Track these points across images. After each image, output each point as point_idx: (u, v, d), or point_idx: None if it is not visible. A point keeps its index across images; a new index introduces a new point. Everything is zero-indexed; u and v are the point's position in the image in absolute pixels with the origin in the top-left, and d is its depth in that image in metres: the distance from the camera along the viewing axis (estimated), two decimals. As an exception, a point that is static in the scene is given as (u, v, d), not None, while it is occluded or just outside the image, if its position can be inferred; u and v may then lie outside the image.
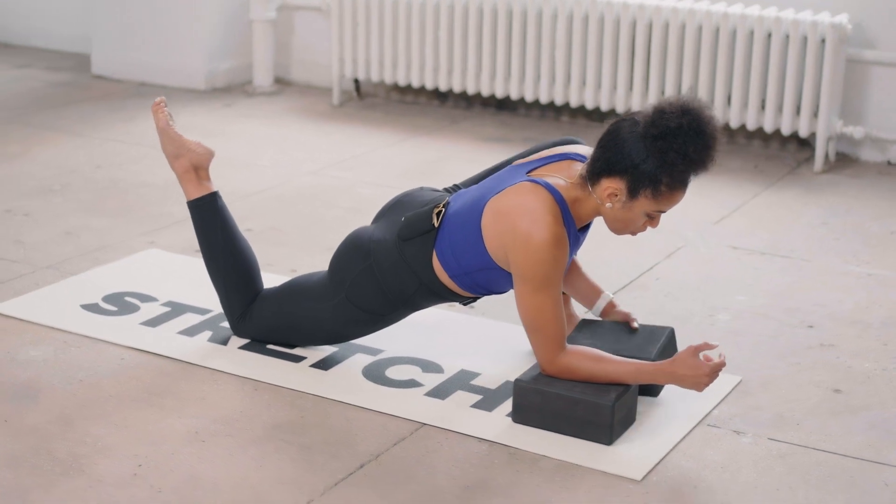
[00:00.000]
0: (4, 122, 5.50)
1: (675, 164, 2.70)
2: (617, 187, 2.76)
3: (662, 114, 2.72)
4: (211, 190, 3.22)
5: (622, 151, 2.74)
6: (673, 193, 2.75)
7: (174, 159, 3.22)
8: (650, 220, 2.83)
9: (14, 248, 3.93)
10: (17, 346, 3.21)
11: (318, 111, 5.84)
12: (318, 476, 2.63)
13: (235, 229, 3.23)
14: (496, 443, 2.78)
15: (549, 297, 2.77)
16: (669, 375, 2.78)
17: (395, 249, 2.97)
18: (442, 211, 2.95)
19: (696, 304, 3.60)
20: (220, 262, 3.18)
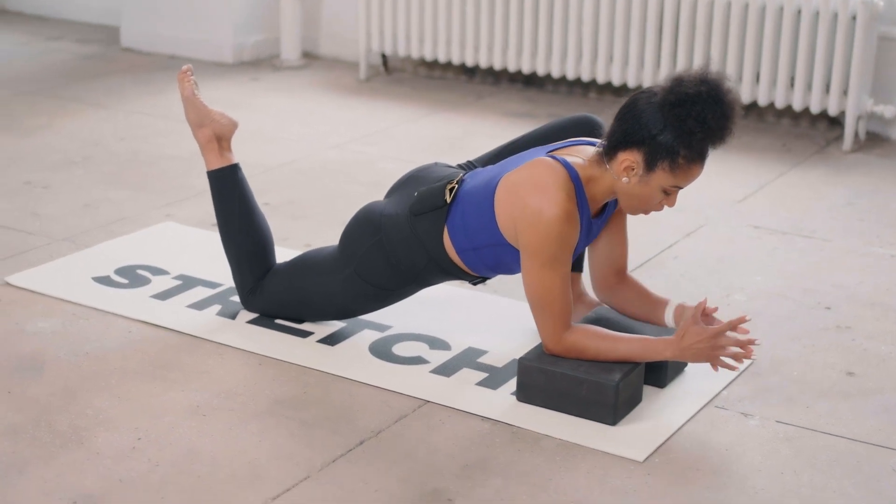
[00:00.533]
0: (32, 94, 5.52)
1: (694, 133, 2.64)
2: (633, 160, 2.71)
3: (681, 82, 2.68)
4: (232, 162, 3.21)
5: (639, 122, 2.70)
6: (691, 166, 2.70)
7: (197, 128, 3.21)
8: (667, 198, 2.77)
9: (31, 220, 3.93)
10: (27, 317, 3.21)
11: (344, 85, 5.82)
12: (317, 452, 2.61)
13: (253, 203, 3.21)
14: (499, 421, 2.76)
15: (557, 273, 2.74)
16: (678, 350, 2.74)
17: (407, 224, 2.94)
18: (455, 187, 2.91)
19: (712, 284, 3.55)
20: (234, 234, 3.17)
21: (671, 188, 2.73)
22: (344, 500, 2.44)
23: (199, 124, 3.19)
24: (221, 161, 3.19)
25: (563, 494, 2.49)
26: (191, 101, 3.19)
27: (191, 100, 3.19)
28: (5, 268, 3.53)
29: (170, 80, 5.76)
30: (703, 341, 2.71)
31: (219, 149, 3.20)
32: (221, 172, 3.18)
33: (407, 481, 2.52)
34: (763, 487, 2.53)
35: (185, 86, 3.19)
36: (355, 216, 3.08)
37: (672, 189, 2.74)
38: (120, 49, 6.47)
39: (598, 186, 2.80)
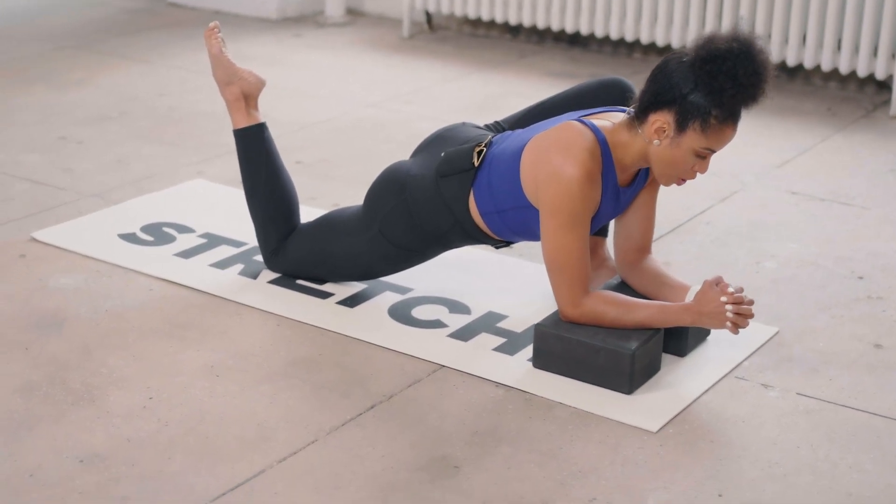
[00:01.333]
0: (74, 49, 5.53)
1: (725, 90, 2.58)
2: (665, 121, 2.66)
3: (712, 40, 2.63)
4: (259, 120, 3.19)
5: (670, 82, 2.64)
6: (723, 127, 2.63)
7: (225, 86, 3.19)
8: (699, 162, 2.70)
9: (62, 175, 3.94)
10: (50, 273, 3.22)
11: (387, 43, 5.77)
12: (327, 415, 2.60)
13: (279, 162, 3.19)
14: (513, 388, 2.73)
15: (576, 236, 2.69)
16: (695, 314, 2.70)
17: (433, 186, 2.90)
18: (483, 150, 2.87)
19: (742, 251, 3.49)
20: (259, 194, 3.15)
21: (703, 151, 2.67)
22: (350, 465, 2.42)
23: (227, 82, 3.17)
24: (248, 120, 3.17)
25: (572, 463, 2.45)
26: (218, 59, 3.17)
27: (218, 57, 3.17)
28: (33, 223, 3.54)
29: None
30: (719, 307, 2.66)
31: (245, 107, 3.17)
32: (248, 131, 3.16)
33: (415, 447, 2.50)
34: (777, 461, 2.48)
35: (212, 43, 3.17)
36: (380, 176, 3.05)
37: (704, 152, 2.67)
38: (166, 4, 6.46)
39: (627, 151, 2.74)
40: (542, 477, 2.41)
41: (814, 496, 2.37)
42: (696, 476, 2.42)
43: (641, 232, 2.92)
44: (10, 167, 4.00)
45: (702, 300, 2.70)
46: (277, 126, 4.47)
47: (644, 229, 2.92)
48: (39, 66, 5.23)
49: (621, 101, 2.98)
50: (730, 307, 2.68)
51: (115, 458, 2.42)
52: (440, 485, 2.37)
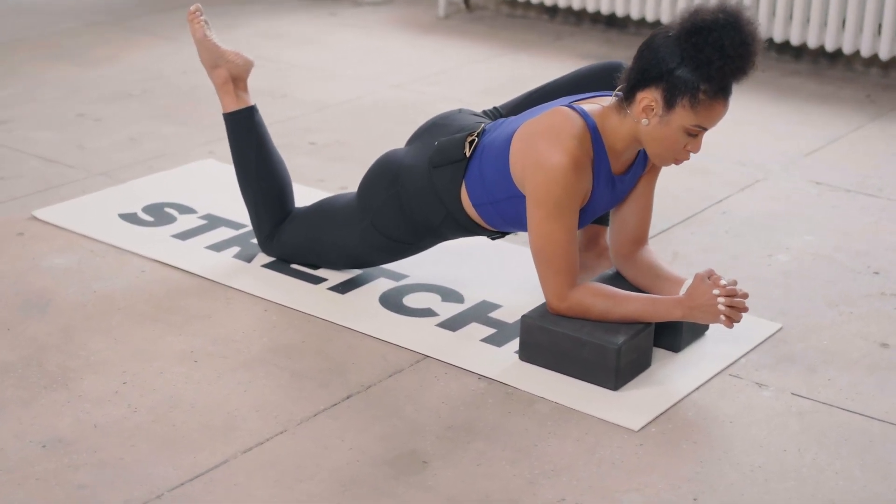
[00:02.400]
0: (106, 25, 5.51)
1: (712, 62, 2.48)
2: (652, 98, 2.56)
3: (697, 12, 2.53)
4: (248, 103, 3.13)
5: (656, 57, 2.54)
6: (712, 103, 2.53)
7: (212, 70, 3.13)
8: (691, 141, 2.60)
9: (75, 152, 3.92)
10: (44, 253, 3.19)
11: (422, 23, 5.70)
12: (300, 405, 2.54)
13: (270, 146, 3.13)
14: (495, 381, 2.65)
15: (562, 225, 2.61)
16: (687, 308, 2.61)
17: (425, 176, 2.83)
18: (475, 140, 2.79)
19: (756, 243, 3.38)
20: (251, 179, 3.10)
21: (694, 128, 2.56)
22: (315, 457, 2.36)
23: (214, 65, 3.11)
24: (237, 103, 3.10)
25: (545, 462, 2.38)
26: (202, 43, 3.11)
27: (202, 41, 3.11)
28: (37, 201, 3.52)
29: (246, 14, 5.71)
30: (711, 300, 2.57)
31: (234, 90, 3.11)
32: (237, 115, 3.10)
33: (385, 440, 2.43)
34: (760, 465, 2.38)
35: (194, 27, 3.11)
36: (374, 165, 2.98)
37: (695, 129, 2.57)
38: (204, -20, 6.41)
39: (617, 135, 2.65)
40: (513, 475, 2.33)
41: (794, 503, 2.27)
42: (672, 478, 2.34)
43: (637, 222, 2.83)
44: (23, 144, 3.98)
45: (693, 293, 2.61)
46: (297, 106, 4.42)
47: (640, 220, 2.83)
48: (69, 41, 5.21)
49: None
50: (722, 300, 2.58)
51: (78, 445, 2.38)
52: (404, 480, 2.30)
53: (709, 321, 2.61)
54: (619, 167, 2.71)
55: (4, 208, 3.46)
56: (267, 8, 5.85)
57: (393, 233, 2.90)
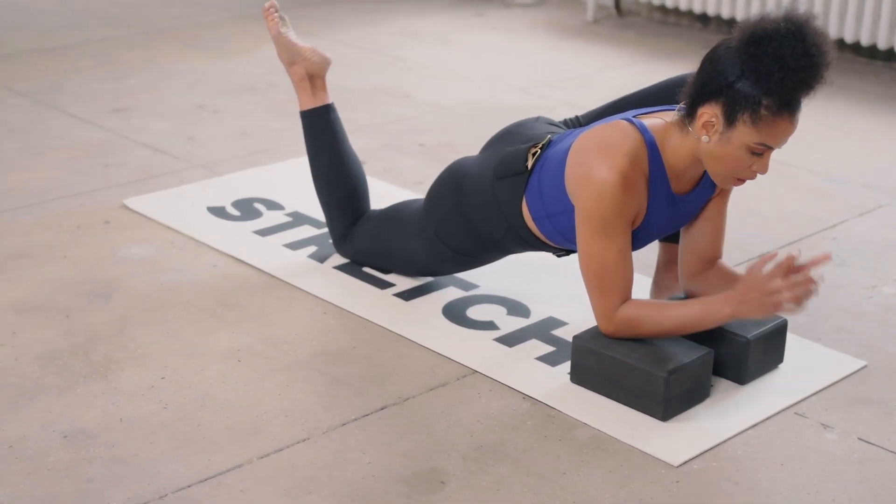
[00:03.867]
0: (250, 18, 5.56)
1: (771, 74, 2.30)
2: (712, 113, 2.39)
3: (761, 21, 2.35)
4: (325, 101, 3.07)
5: (716, 70, 2.38)
6: (776, 119, 2.35)
7: (289, 66, 3.09)
8: (757, 160, 2.41)
9: (183, 143, 3.94)
10: (124, 241, 3.20)
11: (568, 26, 5.57)
12: (331, 412, 2.47)
13: (345, 146, 3.07)
14: (539, 402, 2.53)
15: (611, 244, 2.47)
16: (736, 303, 2.41)
17: (489, 187, 2.72)
18: (538, 152, 2.66)
19: (862, 273, 3.16)
20: (323, 178, 3.04)
21: (758, 146, 2.38)
22: (332, 468, 2.29)
23: (291, 62, 3.07)
24: (314, 101, 3.05)
25: (569, 492, 2.25)
26: (278, 40, 3.06)
27: (278, 38, 3.06)
28: (133, 189, 3.55)
29: (394, 12, 5.69)
30: (765, 289, 2.37)
31: (311, 88, 3.06)
32: (313, 113, 3.05)
33: (408, 456, 2.34)
34: (802, 514, 2.20)
35: (270, 24, 3.06)
36: (442, 173, 2.89)
37: (759, 148, 2.39)
38: (360, -23, 6.43)
39: (678, 152, 2.49)
40: (530, 503, 2.21)
41: (828, 558, 2.09)
42: (702, 521, 2.18)
43: (708, 244, 2.66)
44: (136, 133, 4.03)
45: (742, 287, 2.42)
46: (415, 106, 4.36)
47: (712, 241, 2.66)
48: (210, 33, 5.27)
49: None
50: (779, 282, 2.36)
51: (99, 438, 2.36)
52: (416, 499, 2.21)
53: (763, 314, 2.39)
54: (682, 186, 2.56)
55: (101, 195, 3.50)
56: (415, 7, 5.82)
57: (456, 244, 2.80)
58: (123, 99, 4.36)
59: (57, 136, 3.99)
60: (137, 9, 5.67)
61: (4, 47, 5.04)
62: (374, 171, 3.74)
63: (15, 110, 4.24)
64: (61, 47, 5.05)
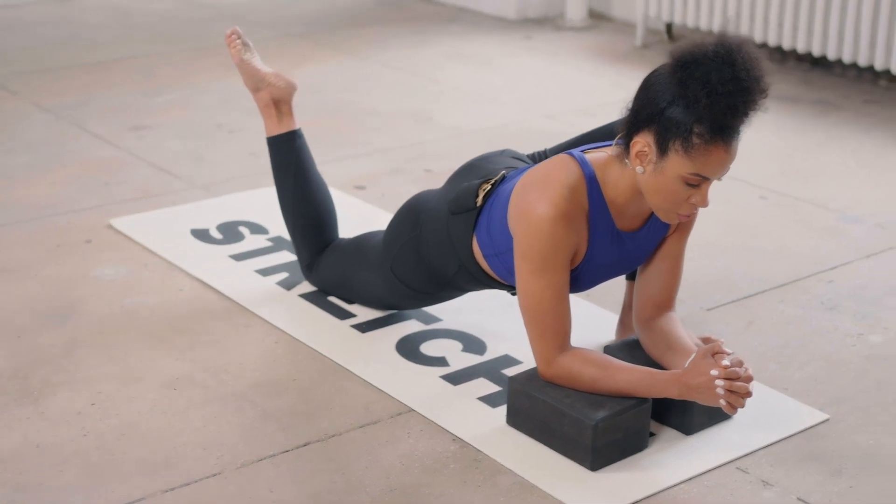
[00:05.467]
0: (295, 37, 5.56)
1: (699, 99, 2.18)
2: (645, 142, 2.28)
3: (692, 45, 2.24)
4: (291, 127, 3.02)
5: (648, 96, 2.27)
6: (709, 148, 2.22)
7: (254, 93, 3.04)
8: (694, 192, 2.29)
9: (189, 162, 3.93)
10: (99, 263, 3.20)
11: (616, 51, 5.46)
12: (251, 447, 2.41)
13: (311, 173, 3.01)
14: (468, 444, 2.45)
15: (549, 283, 2.37)
16: (683, 386, 2.33)
17: (444, 223, 2.64)
18: (489, 188, 2.58)
19: (851, 320, 3.01)
20: (289, 205, 2.99)
21: (692, 177, 2.26)
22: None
23: (255, 88, 3.02)
24: (279, 128, 3.00)
25: (472, 542, 2.16)
26: (241, 67, 3.01)
27: (241, 65, 3.01)
28: (127, 209, 3.55)
29: (441, 34, 5.65)
30: (709, 381, 2.28)
31: (277, 114, 3.01)
32: (278, 139, 3.00)
33: (316, 496, 2.27)
34: (712, 578, 2.09)
35: (232, 52, 3.00)
36: (403, 205, 2.82)
37: (694, 179, 2.26)
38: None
39: (618, 187, 2.39)
40: (428, 553, 2.13)
41: None
42: (603, 580, 2.07)
43: (661, 286, 2.55)
44: (146, 151, 4.03)
45: (692, 371, 2.33)
46: (435, 130, 4.31)
47: (664, 283, 2.55)
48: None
49: None
50: (721, 383, 2.28)
51: (9, 464, 2.34)
52: (310, 544, 2.14)
53: (708, 403, 2.33)
54: (628, 223, 2.45)
55: (92, 214, 3.50)
56: (465, 29, 5.76)
57: (410, 281, 2.73)
58: (145, 117, 4.38)
59: (68, 152, 4.02)
60: (188, 25, 5.70)
61: (48, 62, 5.11)
62: (371, 196, 3.69)
63: (36, 126, 4.28)
64: (101, 62, 5.10)
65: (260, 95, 3.00)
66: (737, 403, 2.29)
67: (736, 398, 2.29)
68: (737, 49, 2.19)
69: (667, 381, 2.35)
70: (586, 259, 2.44)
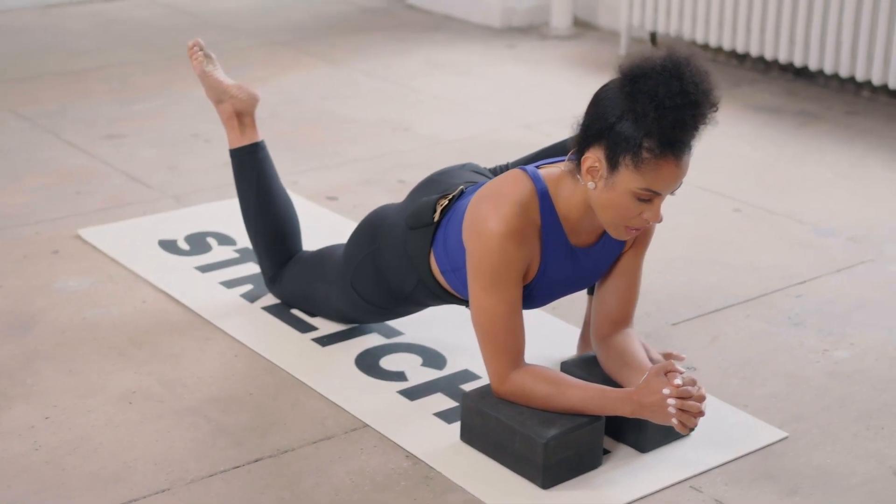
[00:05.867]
0: (278, 45, 5.55)
1: (647, 113, 2.17)
2: (596, 158, 2.27)
3: (640, 59, 2.23)
4: (254, 140, 3.01)
5: (598, 111, 2.26)
6: (659, 162, 2.20)
7: (217, 104, 3.03)
8: (646, 207, 2.27)
9: (162, 173, 3.92)
10: (63, 273, 3.18)
11: (600, 60, 5.45)
12: (202, 463, 2.40)
13: (274, 185, 3.00)
14: (421, 461, 2.43)
15: (500, 299, 2.36)
16: (636, 404, 2.31)
17: (402, 238, 2.62)
18: (446, 204, 2.56)
19: (817, 335, 2.99)
20: (251, 217, 2.98)
21: (643, 192, 2.25)
22: (180, 523, 2.22)
23: (218, 100, 3.01)
24: (242, 139, 2.99)
25: (418, 562, 2.14)
26: (203, 78, 3.00)
27: (203, 77, 3.00)
28: (96, 219, 3.54)
29: (422, 42, 5.64)
30: (661, 400, 2.27)
31: (239, 126, 3.00)
32: (241, 151, 2.99)
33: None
34: None
35: (194, 63, 2.99)
36: (364, 218, 2.80)
37: (645, 194, 2.25)
38: (404, 5, 6.38)
39: (570, 202, 2.38)
40: (373, 572, 2.11)
41: None
42: None
43: (618, 302, 2.54)
44: (120, 160, 4.02)
45: (644, 389, 2.31)
46: (411, 140, 4.29)
47: (621, 299, 2.54)
48: (234, 59, 5.26)
49: None
50: (672, 402, 2.27)
51: (-42, 478, 2.32)
52: (253, 562, 2.13)
53: (660, 422, 2.31)
54: (582, 238, 2.44)
55: (61, 224, 3.49)
56: (448, 38, 5.75)
57: (369, 296, 2.72)
58: (121, 125, 4.37)
59: (42, 161, 4.01)
60: (169, 33, 5.69)
61: (28, 69, 5.10)
62: (343, 207, 3.68)
63: (12, 134, 4.27)
64: (82, 70, 5.09)
65: (222, 107, 2.99)
66: (689, 423, 2.28)
67: (688, 417, 2.27)
68: (685, 62, 2.18)
69: (619, 399, 2.34)
70: (539, 275, 2.42)
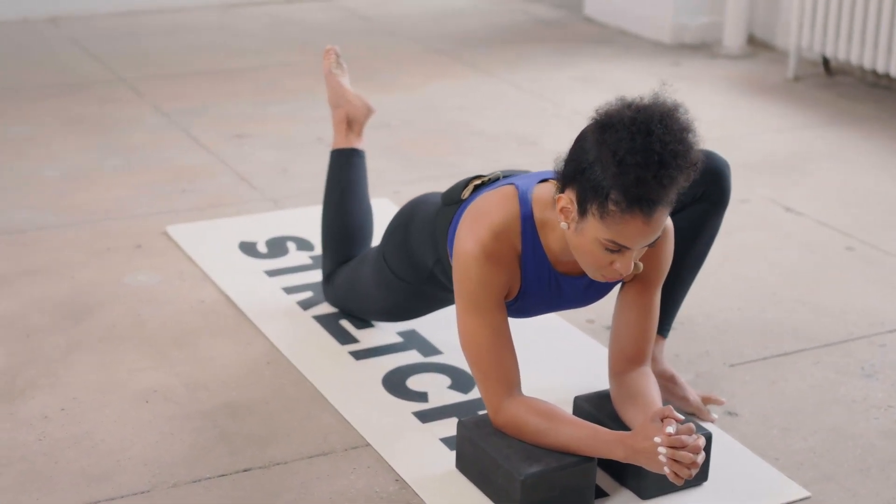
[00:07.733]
0: (435, 53, 5.56)
1: (609, 167, 2.05)
2: (568, 199, 2.16)
3: (621, 105, 2.10)
4: (354, 146, 3.03)
5: (575, 152, 2.15)
6: (625, 217, 2.07)
7: (333, 108, 3.09)
8: (617, 257, 2.15)
9: (271, 175, 3.97)
10: (136, 268, 3.26)
11: (765, 83, 5.23)
12: (192, 467, 2.41)
13: (360, 192, 3.01)
14: (409, 487, 2.38)
15: (482, 322, 2.28)
16: (629, 449, 2.19)
17: (433, 212, 2.56)
18: (479, 185, 2.47)
19: (886, 390, 2.78)
20: (329, 214, 3.02)
21: (610, 243, 2.13)
22: (146, 527, 2.23)
23: (335, 105, 3.06)
24: (345, 142, 3.04)
25: (365, 590, 2.09)
26: (328, 78, 3.07)
27: (327, 76, 3.07)
28: (190, 216, 3.61)
29: (582, 56, 5.54)
30: (649, 439, 2.15)
31: (346, 130, 3.04)
32: (339, 152, 3.04)
33: (231, 525, 2.25)
34: None
35: (324, 63, 3.08)
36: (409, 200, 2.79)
37: (612, 245, 2.13)
38: (581, 17, 6.29)
39: (556, 231, 2.28)
40: None
41: None
42: None
43: (629, 338, 2.42)
44: (237, 160, 4.10)
45: (638, 434, 2.20)
46: (532, 156, 4.22)
47: (634, 336, 2.41)
48: (391, 65, 5.29)
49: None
50: (663, 450, 2.14)
51: (-43, 462, 2.40)
52: (201, 574, 2.12)
53: (653, 469, 2.19)
54: (568, 266, 2.33)
55: (154, 220, 3.57)
56: (615, 52, 5.64)
57: (395, 266, 2.68)
58: (251, 126, 4.45)
59: (163, 157, 4.11)
60: (337, 36, 5.74)
61: (185, 66, 5.25)
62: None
63: (145, 129, 4.40)
64: (237, 70, 5.21)
65: (338, 111, 3.05)
66: (682, 473, 2.14)
67: (680, 468, 2.14)
68: (658, 118, 2.04)
69: (612, 442, 2.22)
70: (521, 301, 2.34)
